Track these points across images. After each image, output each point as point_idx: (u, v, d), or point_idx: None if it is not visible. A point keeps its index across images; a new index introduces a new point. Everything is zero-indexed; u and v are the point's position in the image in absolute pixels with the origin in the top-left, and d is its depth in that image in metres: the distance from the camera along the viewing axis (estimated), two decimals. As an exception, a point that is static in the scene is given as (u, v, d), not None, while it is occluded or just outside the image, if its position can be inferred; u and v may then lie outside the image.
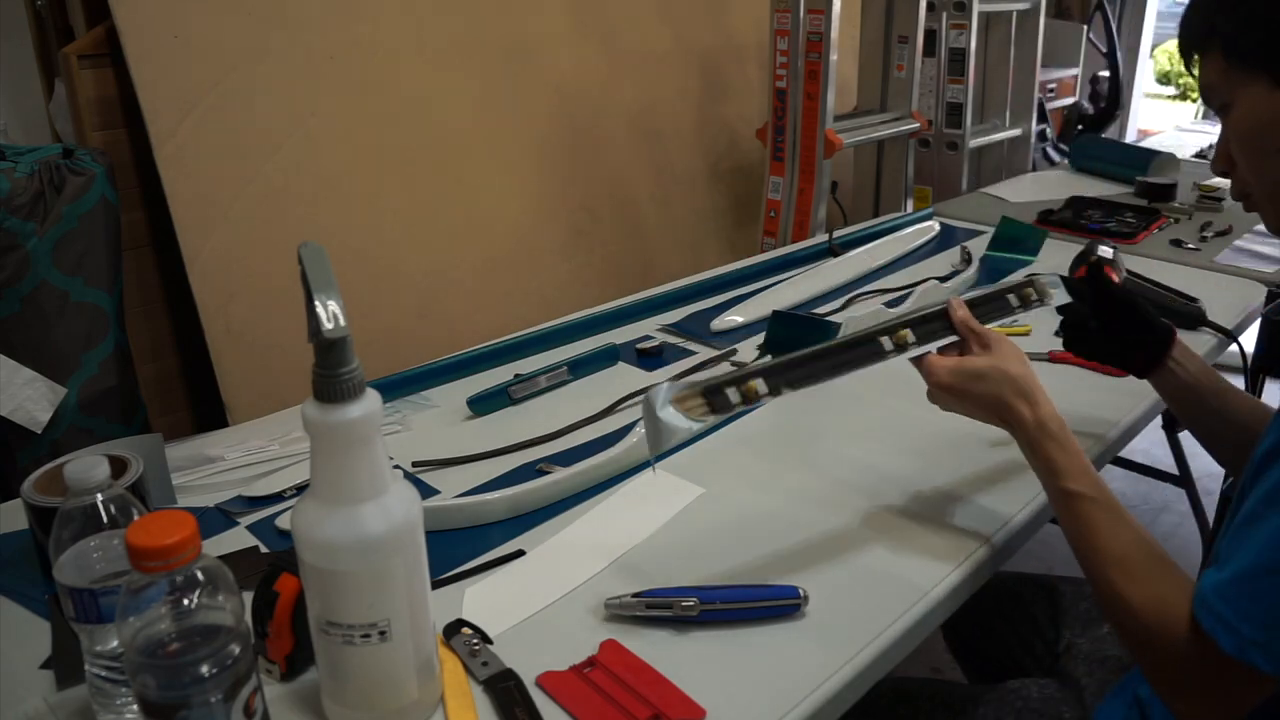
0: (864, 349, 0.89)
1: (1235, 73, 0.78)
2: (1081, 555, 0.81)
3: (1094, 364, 1.28)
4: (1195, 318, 1.36)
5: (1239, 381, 1.33)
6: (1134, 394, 1.21)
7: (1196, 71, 0.82)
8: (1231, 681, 0.69)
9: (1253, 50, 0.77)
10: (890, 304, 1.46)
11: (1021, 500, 0.97)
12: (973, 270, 1.61)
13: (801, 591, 0.80)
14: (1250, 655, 0.66)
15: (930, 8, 2.43)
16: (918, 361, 0.91)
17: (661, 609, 0.79)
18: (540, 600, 0.83)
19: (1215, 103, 0.81)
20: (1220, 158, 0.83)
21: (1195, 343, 1.32)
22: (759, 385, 0.83)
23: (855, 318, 1.36)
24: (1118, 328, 1.03)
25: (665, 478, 1.02)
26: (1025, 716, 0.98)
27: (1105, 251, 1.35)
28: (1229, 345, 1.37)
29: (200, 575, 0.58)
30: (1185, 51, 0.83)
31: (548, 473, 1.01)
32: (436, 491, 1.01)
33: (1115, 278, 1.33)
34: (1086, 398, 1.19)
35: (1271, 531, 0.66)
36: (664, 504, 0.97)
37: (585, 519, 0.96)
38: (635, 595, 0.80)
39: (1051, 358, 1.30)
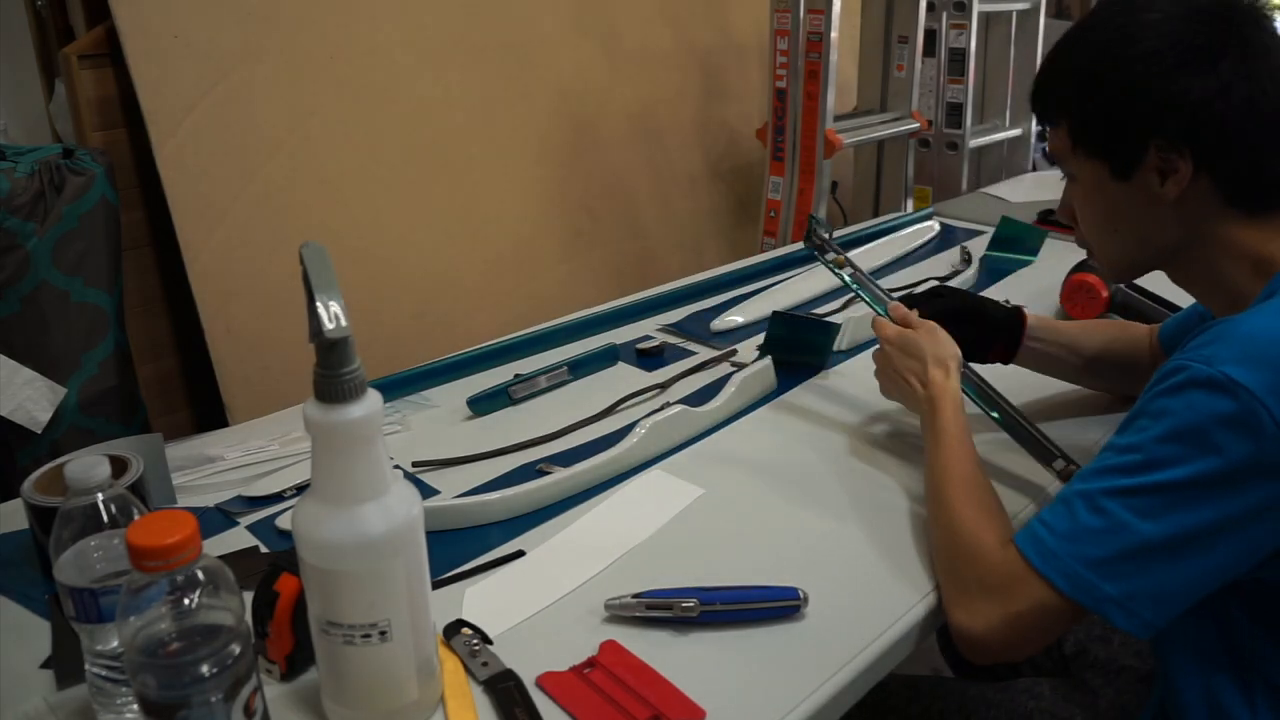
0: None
1: (1080, 153, 0.84)
2: (931, 478, 0.90)
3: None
4: None
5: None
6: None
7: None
8: (1020, 594, 0.75)
9: (1097, 139, 0.82)
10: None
11: (1022, 502, 0.97)
12: (973, 270, 1.61)
13: (801, 592, 0.80)
14: (1049, 568, 0.73)
15: (930, 8, 2.43)
16: (876, 326, 1.06)
17: (661, 609, 0.79)
18: (540, 600, 0.83)
19: (1062, 169, 0.88)
20: (1064, 212, 0.91)
21: None
22: None
23: (855, 318, 1.36)
24: (965, 331, 1.06)
25: (665, 478, 1.02)
26: (1037, 717, 0.98)
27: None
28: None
29: (200, 575, 0.58)
30: (1038, 116, 0.89)
31: (548, 473, 1.01)
32: (436, 491, 1.01)
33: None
34: (1085, 397, 1.19)
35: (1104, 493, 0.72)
36: (664, 504, 0.97)
37: (585, 519, 0.96)
38: (635, 595, 0.80)
39: None
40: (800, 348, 1.27)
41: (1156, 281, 1.43)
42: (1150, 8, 0.79)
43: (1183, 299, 1.35)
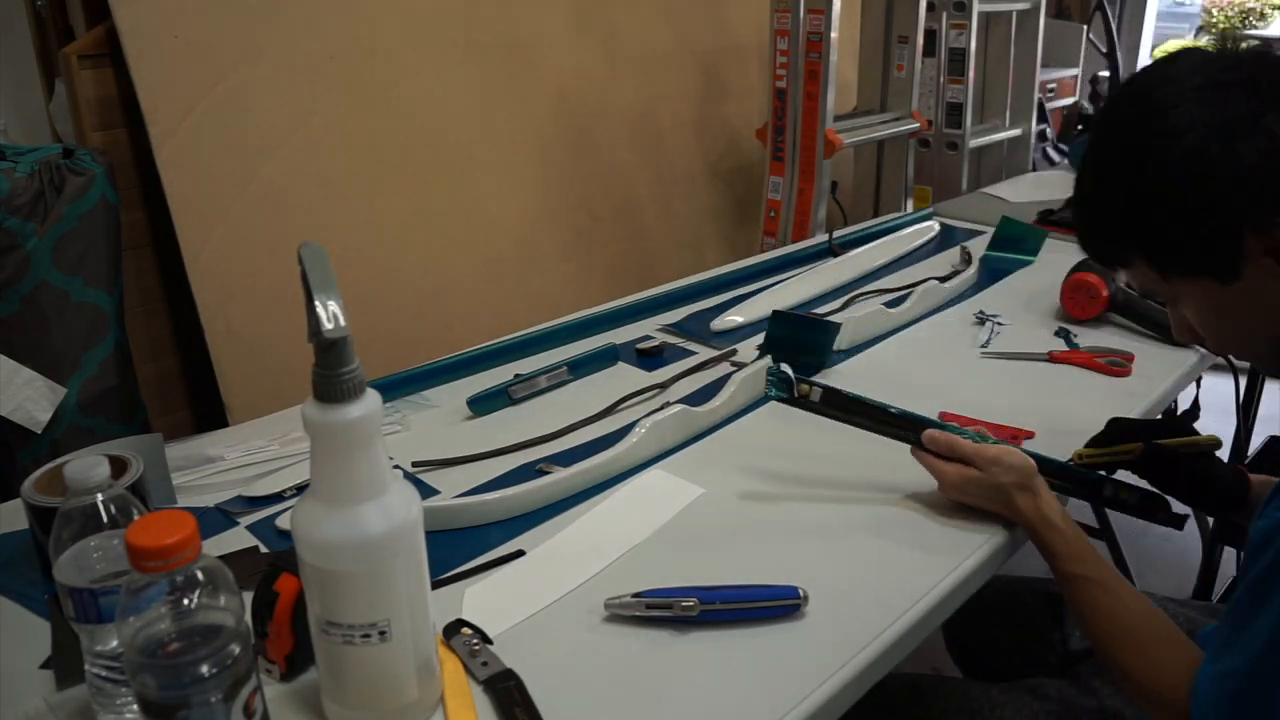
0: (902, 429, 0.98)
1: (1174, 277, 0.78)
2: (1086, 630, 0.86)
3: (1095, 365, 1.28)
4: None
5: (1229, 383, 1.33)
6: (1134, 394, 1.21)
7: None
8: None
9: (1186, 259, 0.76)
10: (890, 304, 1.46)
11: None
12: (972, 270, 1.61)
13: (801, 591, 0.80)
14: None
15: (930, 8, 2.43)
16: (925, 462, 0.96)
17: (661, 609, 0.79)
18: (540, 600, 0.83)
19: (1160, 297, 0.82)
20: (1183, 331, 0.83)
21: (1186, 357, 1.31)
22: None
23: (855, 318, 1.36)
24: (1188, 489, 1.02)
25: (665, 478, 1.02)
26: (1042, 718, 0.98)
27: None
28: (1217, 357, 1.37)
29: (200, 575, 0.58)
30: (1104, 264, 0.84)
31: (548, 473, 1.01)
32: (436, 491, 1.01)
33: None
34: (1086, 397, 1.19)
35: (1257, 634, 0.68)
36: (664, 504, 0.97)
37: (585, 519, 0.96)
38: (635, 595, 0.80)
39: (1051, 358, 1.30)
40: (800, 347, 1.27)
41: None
42: (1171, 105, 0.73)
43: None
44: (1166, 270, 0.78)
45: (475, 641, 0.77)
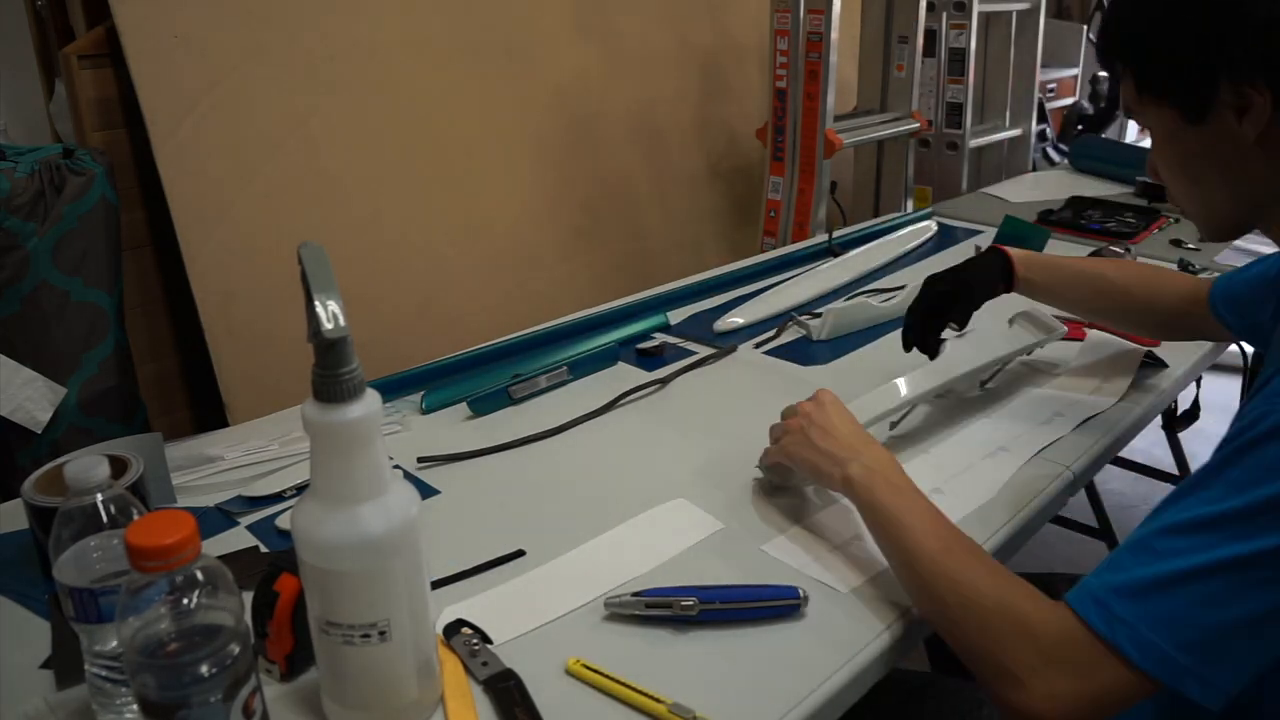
0: None
1: (1148, 100, 0.78)
2: (917, 559, 0.78)
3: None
4: None
5: (1236, 382, 1.34)
6: (1134, 394, 1.21)
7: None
8: (1090, 668, 0.65)
9: (1160, 84, 0.77)
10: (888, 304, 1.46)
11: (1020, 502, 0.97)
12: (973, 270, 1.60)
13: (801, 591, 0.80)
14: (1118, 636, 0.64)
15: (930, 8, 2.43)
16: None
17: (661, 608, 0.79)
18: (540, 617, 0.81)
19: (1137, 122, 0.83)
20: (1151, 169, 0.85)
21: (1198, 346, 1.31)
22: None
23: (837, 308, 1.36)
24: (961, 307, 1.15)
25: (687, 508, 0.97)
26: None
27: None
28: (1228, 346, 1.37)
29: (200, 575, 0.58)
30: (1104, 65, 0.84)
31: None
32: (437, 492, 1.01)
33: None
34: (1085, 397, 1.19)
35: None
36: (679, 535, 0.93)
37: (596, 542, 0.92)
38: (635, 595, 0.80)
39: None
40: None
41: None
42: None
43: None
44: (1142, 89, 0.78)
45: (475, 641, 0.77)
